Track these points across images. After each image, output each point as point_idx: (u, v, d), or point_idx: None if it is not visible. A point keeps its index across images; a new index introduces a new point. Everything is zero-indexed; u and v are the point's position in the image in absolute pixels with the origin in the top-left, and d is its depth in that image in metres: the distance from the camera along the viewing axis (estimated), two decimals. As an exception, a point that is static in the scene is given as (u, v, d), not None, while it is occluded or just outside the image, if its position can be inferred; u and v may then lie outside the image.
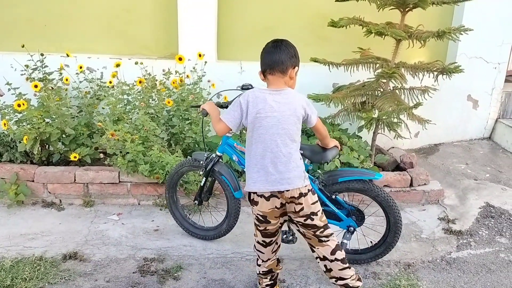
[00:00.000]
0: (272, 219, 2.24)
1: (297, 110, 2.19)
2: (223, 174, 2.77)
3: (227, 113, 2.22)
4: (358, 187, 2.60)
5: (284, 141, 2.16)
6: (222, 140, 2.75)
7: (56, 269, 2.62)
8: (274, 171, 2.15)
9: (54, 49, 4.07)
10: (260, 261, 2.39)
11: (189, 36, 4.01)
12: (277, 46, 2.19)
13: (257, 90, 2.20)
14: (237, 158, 2.72)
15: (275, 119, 2.14)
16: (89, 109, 3.71)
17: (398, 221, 2.62)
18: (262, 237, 2.30)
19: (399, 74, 3.38)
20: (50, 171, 3.41)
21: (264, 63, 2.19)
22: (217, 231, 2.95)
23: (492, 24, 4.36)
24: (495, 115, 4.78)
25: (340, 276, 2.28)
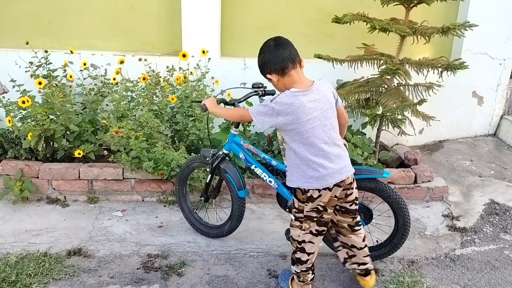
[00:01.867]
0: (330, 207, 2.25)
1: (331, 100, 2.21)
2: (228, 172, 2.76)
3: (258, 112, 2.16)
4: (369, 187, 2.56)
5: (330, 136, 2.18)
6: (229, 138, 2.73)
7: (61, 265, 2.64)
8: (331, 165, 2.16)
9: (58, 46, 4.08)
10: (306, 257, 2.33)
11: (192, 32, 4.01)
12: (281, 42, 2.16)
13: (290, 95, 2.10)
14: (244, 156, 2.71)
15: (316, 119, 2.12)
16: (93, 106, 3.72)
17: (407, 223, 2.59)
18: (317, 226, 2.28)
19: (403, 71, 3.37)
20: (55, 167, 3.42)
21: (281, 61, 2.11)
22: (220, 230, 2.95)
23: (497, 19, 4.32)
24: (500, 111, 4.75)
25: (363, 261, 2.41)
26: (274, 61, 2.12)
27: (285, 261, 2.77)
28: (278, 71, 2.14)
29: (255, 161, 2.70)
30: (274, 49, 2.13)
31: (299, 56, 2.17)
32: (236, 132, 2.70)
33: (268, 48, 2.15)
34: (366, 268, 2.42)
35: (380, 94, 3.54)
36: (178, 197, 3.09)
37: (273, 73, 2.16)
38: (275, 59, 2.12)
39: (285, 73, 2.14)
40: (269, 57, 2.14)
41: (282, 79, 2.16)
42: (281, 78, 2.16)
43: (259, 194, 3.46)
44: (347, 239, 2.40)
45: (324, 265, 2.72)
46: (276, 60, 2.12)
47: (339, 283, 2.58)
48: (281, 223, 3.20)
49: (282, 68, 2.12)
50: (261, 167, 2.69)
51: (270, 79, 2.20)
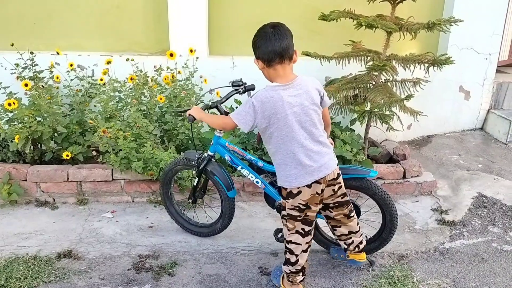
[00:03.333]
0: (313, 205, 2.25)
1: (314, 97, 2.16)
2: (215, 174, 2.74)
3: (238, 113, 2.14)
4: (355, 185, 2.56)
5: (310, 132, 2.16)
6: (213, 140, 2.69)
7: (51, 267, 2.62)
8: (310, 162, 2.15)
9: (44, 47, 4.05)
10: (294, 258, 2.32)
11: (180, 31, 3.99)
12: (279, 31, 2.08)
13: (269, 89, 2.10)
14: (229, 158, 2.68)
15: (296, 115, 2.11)
16: (81, 107, 3.69)
17: (394, 218, 2.61)
18: (302, 225, 2.27)
19: (390, 67, 3.39)
20: (43, 170, 3.39)
21: (270, 52, 2.06)
22: (211, 229, 2.95)
23: (482, 15, 4.37)
24: (487, 105, 4.80)
25: (360, 241, 2.51)
26: (263, 50, 2.08)
27: (277, 259, 2.77)
28: (264, 61, 2.10)
29: (241, 162, 2.68)
30: (268, 38, 2.07)
31: (291, 51, 2.10)
32: (221, 134, 2.67)
33: (263, 34, 2.09)
34: (364, 246, 2.54)
35: (368, 90, 3.56)
36: (164, 201, 3.07)
37: (259, 60, 2.13)
38: (265, 49, 2.07)
39: (270, 65, 2.10)
40: (260, 43, 2.09)
41: (267, 69, 2.13)
42: (266, 68, 2.13)
43: (249, 192, 3.47)
44: (344, 228, 2.45)
45: (315, 261, 2.74)
46: (266, 50, 2.07)
47: (330, 278, 2.60)
48: (272, 221, 3.21)
49: (269, 59, 2.09)
50: (247, 168, 2.67)
51: (256, 64, 2.17)
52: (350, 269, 2.67)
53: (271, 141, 2.19)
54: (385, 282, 2.54)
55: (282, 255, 2.78)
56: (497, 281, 2.60)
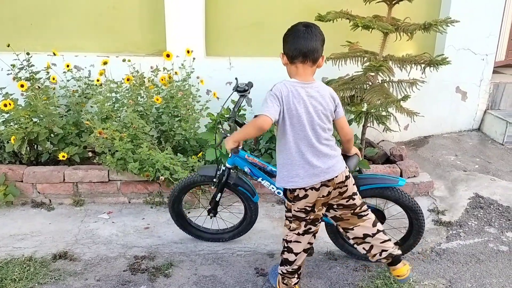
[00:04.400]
0: (318, 208, 2.23)
1: (329, 103, 2.16)
2: (239, 185, 2.70)
3: (266, 107, 2.04)
4: (382, 194, 2.55)
5: (320, 135, 2.14)
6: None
7: (46, 269, 2.61)
8: (318, 163, 2.13)
9: (40, 48, 4.04)
10: (293, 257, 2.31)
11: (176, 32, 3.99)
12: (311, 31, 2.08)
13: (288, 83, 2.09)
14: (249, 170, 2.63)
15: (309, 115, 2.10)
16: (77, 107, 3.69)
17: (421, 226, 2.61)
18: (304, 227, 2.26)
19: (387, 67, 3.39)
20: (39, 171, 3.38)
21: (295, 49, 2.08)
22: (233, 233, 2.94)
23: (479, 15, 4.38)
24: (484, 106, 4.81)
25: (383, 249, 2.32)
26: (290, 46, 2.09)
27: (273, 259, 2.77)
28: (288, 57, 2.12)
29: (261, 174, 2.63)
30: (297, 35, 2.08)
31: (318, 54, 2.10)
32: (240, 146, 2.53)
33: (294, 31, 2.10)
34: (389, 254, 2.32)
35: (365, 91, 3.56)
36: (178, 221, 2.92)
37: (284, 55, 2.14)
38: (292, 45, 2.09)
39: (293, 62, 2.11)
40: (289, 38, 2.10)
41: (289, 65, 2.15)
42: (288, 63, 2.14)
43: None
44: (357, 229, 2.32)
45: (312, 262, 2.73)
46: (292, 46, 2.09)
47: (326, 279, 2.59)
48: (269, 222, 3.21)
49: (292, 56, 2.10)
50: (268, 179, 2.62)
51: (281, 58, 2.17)
52: (347, 270, 2.67)
53: (283, 136, 2.14)
54: (381, 283, 2.54)
55: (279, 256, 2.79)
56: (493, 281, 2.60)
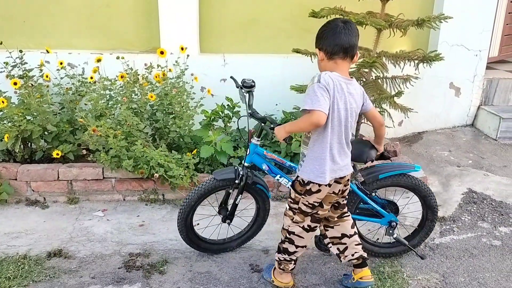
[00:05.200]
0: (326, 204, 2.26)
1: (359, 103, 2.17)
2: (257, 183, 2.62)
3: (319, 100, 1.96)
4: (401, 183, 2.58)
5: (347, 133, 2.16)
6: (250, 149, 2.53)
7: (41, 267, 2.61)
8: (339, 160, 2.16)
9: (33, 46, 4.02)
10: (293, 248, 2.35)
11: (170, 29, 3.98)
12: (350, 27, 2.06)
13: (333, 76, 2.03)
14: (267, 167, 2.57)
15: (347, 112, 2.09)
16: (71, 105, 3.67)
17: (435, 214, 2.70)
18: (310, 222, 2.29)
19: (380, 63, 3.40)
20: (33, 169, 3.37)
21: (336, 45, 2.04)
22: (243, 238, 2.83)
23: (472, 11, 4.39)
24: (477, 102, 4.84)
25: (355, 251, 2.39)
26: (330, 41, 2.05)
27: (267, 256, 2.78)
28: (327, 52, 2.08)
29: (279, 171, 2.59)
30: (338, 31, 2.04)
31: (355, 50, 2.09)
32: (258, 142, 2.52)
33: (333, 26, 2.07)
34: (360, 256, 2.39)
35: (358, 86, 3.57)
36: (188, 237, 2.68)
37: (322, 51, 2.10)
38: (332, 41, 2.05)
39: (332, 58, 2.07)
40: (328, 34, 2.06)
41: (326, 61, 2.10)
42: (326, 60, 2.10)
43: (241, 189, 3.46)
44: (336, 229, 2.40)
45: (306, 258, 2.74)
46: (332, 42, 2.05)
47: (320, 275, 2.61)
48: (263, 218, 3.21)
49: (332, 52, 2.06)
50: (286, 177, 2.58)
51: (317, 54, 2.14)
52: (341, 266, 2.68)
53: (321, 130, 2.10)
54: (375, 278, 2.55)
55: (273, 252, 2.80)
56: (486, 276, 2.63)
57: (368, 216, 2.65)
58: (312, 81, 2.04)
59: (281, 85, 4.02)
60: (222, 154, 3.50)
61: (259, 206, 2.74)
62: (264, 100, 3.59)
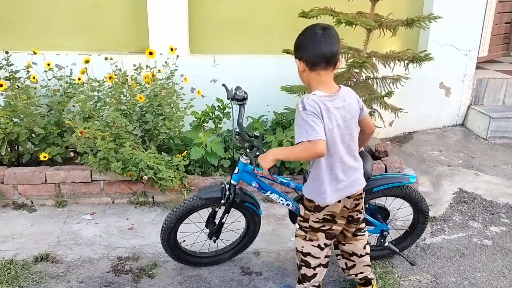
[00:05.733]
0: (340, 219, 2.11)
1: (355, 109, 2.03)
2: (246, 201, 2.50)
3: (314, 129, 1.84)
4: (392, 193, 2.56)
5: (349, 147, 2.03)
6: (239, 168, 2.39)
7: (28, 271, 2.56)
8: (344, 177, 2.03)
9: (20, 47, 3.96)
10: (311, 272, 2.18)
11: (159, 29, 3.95)
12: (330, 34, 1.91)
13: (316, 99, 1.89)
14: (257, 184, 2.44)
15: (339, 129, 1.96)
16: (59, 107, 3.62)
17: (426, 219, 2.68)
18: (324, 239, 2.13)
19: (370, 64, 3.39)
20: (20, 172, 3.32)
21: (317, 55, 1.89)
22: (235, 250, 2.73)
23: (462, 11, 4.41)
24: (467, 102, 4.85)
25: (361, 271, 2.31)
26: (310, 52, 1.90)
27: (258, 258, 2.76)
28: (308, 63, 1.92)
29: (270, 187, 2.47)
30: (317, 40, 1.89)
31: (338, 58, 1.95)
32: (247, 161, 2.37)
33: (312, 35, 1.91)
34: (365, 277, 2.32)
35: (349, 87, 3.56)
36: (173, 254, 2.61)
37: (302, 62, 1.94)
38: (312, 51, 1.90)
39: (314, 69, 1.93)
40: (307, 44, 1.90)
41: (308, 73, 1.95)
42: (307, 71, 1.94)
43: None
44: (348, 246, 2.28)
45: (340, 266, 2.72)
46: (312, 53, 1.90)
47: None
48: (254, 220, 3.19)
49: (314, 63, 1.91)
50: (277, 192, 2.47)
51: (297, 65, 1.98)
52: (332, 267, 2.66)
53: None
54: (366, 279, 2.54)
55: (264, 253, 2.79)
56: (477, 275, 2.62)
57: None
58: (297, 109, 1.92)
59: (272, 85, 3.99)
60: (213, 155, 3.47)
61: (249, 220, 2.63)
62: (255, 101, 3.55)
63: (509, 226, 3.13)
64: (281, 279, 2.57)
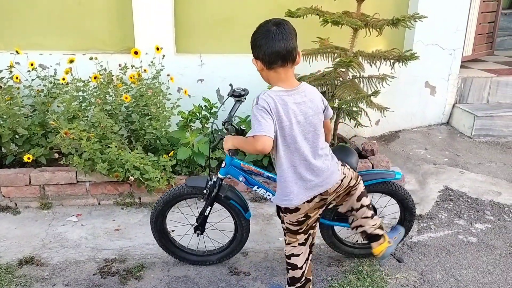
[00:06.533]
0: (312, 212, 2.09)
1: (319, 105, 2.00)
2: (231, 199, 2.48)
3: (260, 124, 1.83)
4: (378, 189, 2.56)
5: (313, 144, 1.99)
6: (226, 162, 2.39)
7: (12, 275, 2.52)
8: (312, 177, 1.99)
9: (3, 47, 3.90)
10: (299, 272, 2.18)
11: (145, 29, 3.91)
12: (284, 30, 1.86)
13: (273, 94, 1.88)
14: (244, 179, 2.43)
15: (300, 125, 1.93)
16: (43, 107, 3.56)
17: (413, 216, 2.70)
18: (303, 235, 2.14)
19: (356, 63, 3.41)
20: (3, 173, 3.26)
21: (271, 53, 1.85)
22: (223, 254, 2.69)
23: (446, 11, 4.45)
24: (452, 100, 4.91)
25: (360, 224, 2.32)
26: (265, 50, 1.86)
27: (246, 258, 2.75)
28: (265, 62, 1.89)
29: (257, 182, 2.45)
30: (271, 38, 1.85)
31: (296, 52, 1.91)
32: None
33: (265, 33, 1.87)
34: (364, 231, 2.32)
35: (336, 87, 3.57)
36: (161, 241, 2.63)
37: (259, 61, 1.92)
38: (267, 49, 1.85)
39: (271, 67, 1.90)
40: (261, 42, 1.87)
41: (266, 71, 1.92)
42: (266, 70, 1.92)
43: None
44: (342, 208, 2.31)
45: (285, 260, 2.72)
46: (268, 51, 1.85)
47: (300, 276, 2.59)
48: (242, 220, 3.18)
49: (270, 61, 1.87)
50: (264, 187, 2.45)
51: (255, 64, 1.96)
52: (320, 266, 2.67)
53: (275, 151, 1.98)
54: (354, 278, 2.56)
55: (252, 253, 2.78)
56: (463, 272, 2.65)
57: (346, 222, 2.58)
58: (253, 103, 1.92)
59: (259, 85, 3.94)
60: (200, 155, 3.45)
61: (235, 222, 2.60)
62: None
63: (493, 223, 3.17)
64: (269, 279, 2.57)
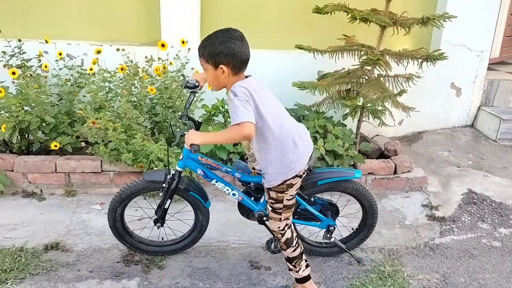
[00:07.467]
0: None
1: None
2: (191, 190, 2.49)
3: (242, 112, 1.91)
4: (340, 188, 2.55)
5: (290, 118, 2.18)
6: (184, 154, 2.37)
7: (38, 259, 2.57)
8: (301, 142, 2.15)
9: (32, 35, 3.95)
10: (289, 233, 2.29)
11: (171, 22, 3.94)
12: (244, 37, 2.01)
13: (242, 83, 2.00)
14: (202, 172, 2.42)
15: (273, 102, 2.10)
16: (70, 97, 3.62)
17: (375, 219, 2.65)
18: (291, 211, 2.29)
19: (384, 61, 3.38)
20: (30, 160, 3.33)
21: (243, 60, 1.99)
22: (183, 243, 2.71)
23: (475, 12, 4.38)
24: (478, 102, 4.83)
25: None
26: (240, 57, 1.97)
27: (267, 253, 2.76)
28: (234, 69, 1.99)
29: (215, 176, 2.45)
30: (242, 44, 1.98)
31: None
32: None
33: (234, 40, 1.97)
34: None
35: (361, 85, 3.55)
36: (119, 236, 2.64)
37: (228, 67, 1.98)
38: (242, 56, 1.97)
39: (238, 73, 2.02)
40: (237, 50, 1.96)
41: (230, 77, 2.01)
42: (230, 75, 2.01)
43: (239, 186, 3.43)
44: None
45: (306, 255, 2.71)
46: (242, 58, 1.98)
47: (321, 273, 2.59)
48: (263, 215, 3.19)
49: (241, 67, 2.01)
50: (223, 181, 2.46)
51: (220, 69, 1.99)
52: (341, 264, 2.67)
53: (263, 131, 2.05)
54: (375, 277, 2.54)
55: (273, 249, 2.78)
56: (486, 276, 2.62)
57: (307, 220, 2.57)
58: (230, 98, 2.00)
59: (283, 81, 3.97)
60: (222, 149, 3.46)
61: (195, 212, 2.61)
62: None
63: (518, 228, 3.12)
64: (289, 275, 2.57)
